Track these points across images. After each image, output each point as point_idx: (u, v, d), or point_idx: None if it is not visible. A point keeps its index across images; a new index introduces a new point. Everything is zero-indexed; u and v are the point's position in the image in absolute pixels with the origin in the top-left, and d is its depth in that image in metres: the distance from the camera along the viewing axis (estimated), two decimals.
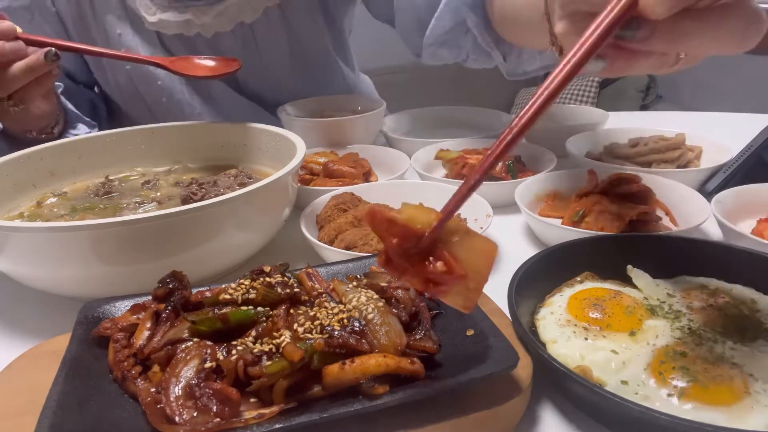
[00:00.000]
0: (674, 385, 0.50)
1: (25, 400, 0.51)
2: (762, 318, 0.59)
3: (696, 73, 3.38)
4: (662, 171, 0.98)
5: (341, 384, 0.47)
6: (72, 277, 0.68)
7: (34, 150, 0.89)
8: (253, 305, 0.53)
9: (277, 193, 0.77)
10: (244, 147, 0.97)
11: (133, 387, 0.50)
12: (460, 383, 0.47)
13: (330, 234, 0.80)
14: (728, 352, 0.53)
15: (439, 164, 1.13)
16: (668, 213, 0.86)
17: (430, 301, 0.59)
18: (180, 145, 0.99)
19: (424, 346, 0.51)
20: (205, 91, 1.26)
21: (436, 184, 0.96)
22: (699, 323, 0.58)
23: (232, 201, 0.68)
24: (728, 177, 0.96)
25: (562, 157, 1.08)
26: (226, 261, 0.75)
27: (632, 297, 0.62)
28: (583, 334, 0.57)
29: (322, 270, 0.65)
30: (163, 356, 0.50)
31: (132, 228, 0.64)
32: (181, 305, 0.55)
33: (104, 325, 0.56)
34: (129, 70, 1.20)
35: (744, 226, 0.83)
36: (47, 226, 0.63)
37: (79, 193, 0.89)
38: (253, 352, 0.48)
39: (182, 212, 0.65)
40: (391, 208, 0.87)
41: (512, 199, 0.88)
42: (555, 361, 0.51)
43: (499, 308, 0.62)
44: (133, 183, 0.93)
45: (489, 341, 0.51)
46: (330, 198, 0.89)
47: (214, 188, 0.84)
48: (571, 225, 0.83)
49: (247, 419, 0.45)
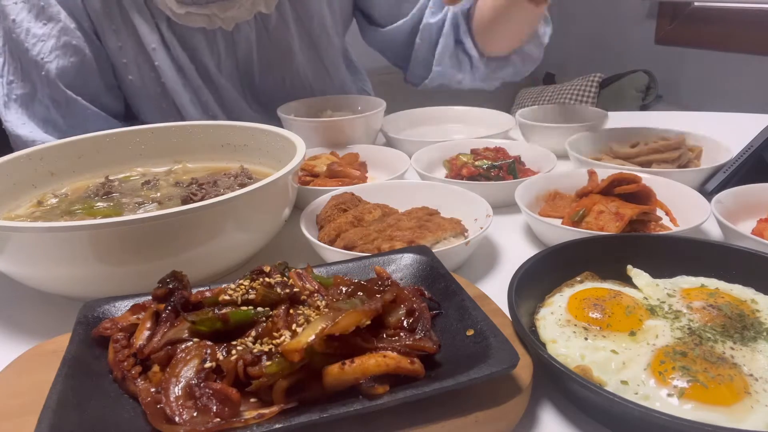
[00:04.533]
0: (674, 385, 0.50)
1: (25, 400, 0.51)
2: (762, 318, 0.59)
3: (696, 73, 3.39)
4: (662, 171, 0.98)
5: (341, 384, 0.47)
6: (72, 277, 0.68)
7: (34, 150, 0.89)
8: (252, 305, 0.53)
9: (277, 193, 0.77)
10: (244, 147, 0.97)
11: (133, 387, 0.50)
12: (460, 383, 0.47)
13: (330, 234, 0.80)
14: (728, 352, 0.53)
15: (439, 164, 1.13)
16: (668, 213, 0.86)
17: (430, 301, 0.59)
18: (180, 145, 0.99)
19: (424, 346, 0.51)
20: (215, 93, 1.27)
21: (436, 184, 0.96)
22: (699, 323, 0.58)
23: (232, 201, 0.68)
24: (728, 177, 0.96)
25: (562, 157, 1.09)
26: (226, 261, 0.75)
27: (632, 297, 0.62)
28: (583, 334, 0.57)
29: (322, 270, 0.65)
30: (163, 356, 0.50)
31: (132, 228, 0.64)
32: (181, 305, 0.55)
33: (104, 325, 0.56)
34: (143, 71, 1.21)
35: (744, 226, 0.83)
36: (47, 226, 0.63)
37: (79, 193, 0.89)
38: (253, 352, 0.48)
39: (182, 212, 0.64)
40: (391, 208, 0.87)
41: (512, 199, 0.88)
42: (555, 361, 0.51)
43: (499, 308, 0.62)
44: (133, 183, 0.93)
45: (489, 341, 0.51)
46: (330, 198, 0.89)
47: (214, 188, 0.84)
48: (571, 225, 0.83)
49: (247, 419, 0.45)
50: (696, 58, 3.38)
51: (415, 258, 0.66)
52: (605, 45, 3.83)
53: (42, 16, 1.10)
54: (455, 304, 0.58)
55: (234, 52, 1.25)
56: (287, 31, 1.27)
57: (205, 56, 1.21)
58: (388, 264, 0.66)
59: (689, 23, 3.44)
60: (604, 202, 0.84)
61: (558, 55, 3.85)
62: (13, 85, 1.15)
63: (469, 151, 1.11)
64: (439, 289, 0.61)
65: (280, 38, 1.27)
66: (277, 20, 1.25)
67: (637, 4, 3.64)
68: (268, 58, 1.29)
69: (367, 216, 0.84)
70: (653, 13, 3.59)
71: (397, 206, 0.89)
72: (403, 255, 0.67)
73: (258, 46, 1.26)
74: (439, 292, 0.60)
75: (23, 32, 1.10)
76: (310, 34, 1.32)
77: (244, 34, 1.23)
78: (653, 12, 3.59)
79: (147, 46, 1.16)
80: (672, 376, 0.50)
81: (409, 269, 0.65)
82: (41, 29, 1.11)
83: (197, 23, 1.16)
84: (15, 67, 1.14)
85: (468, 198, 0.88)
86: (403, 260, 0.66)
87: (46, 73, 1.11)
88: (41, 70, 1.11)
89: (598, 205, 0.84)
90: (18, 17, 1.10)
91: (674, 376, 0.50)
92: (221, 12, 1.16)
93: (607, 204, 0.84)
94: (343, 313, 0.49)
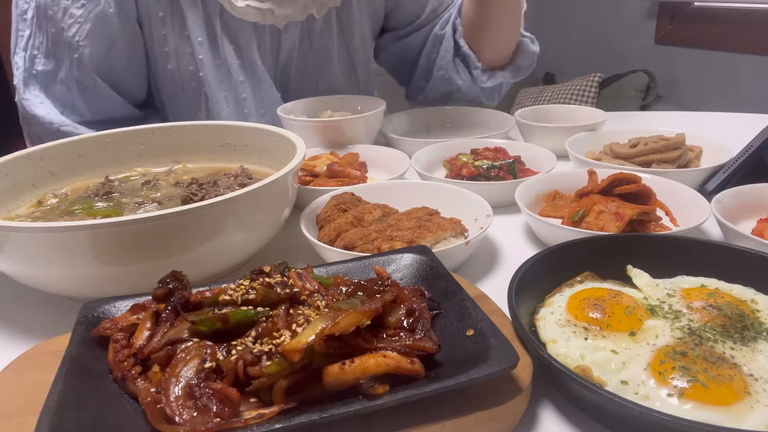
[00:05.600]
0: (674, 385, 0.50)
1: (25, 400, 0.51)
2: (762, 318, 0.59)
3: (696, 73, 3.39)
4: (662, 171, 0.98)
5: (341, 384, 0.47)
6: (72, 277, 0.68)
7: (34, 150, 0.89)
8: (252, 305, 0.53)
9: (277, 193, 0.77)
10: (244, 147, 0.97)
11: (133, 387, 0.49)
12: (460, 383, 0.47)
13: (330, 234, 0.80)
14: (728, 352, 0.53)
15: (439, 164, 1.13)
16: (668, 213, 0.86)
17: (430, 301, 0.59)
18: (180, 145, 0.99)
19: (424, 346, 0.51)
20: (257, 88, 1.27)
21: (436, 184, 0.96)
22: (699, 323, 0.58)
23: (232, 201, 0.68)
24: (728, 177, 0.96)
25: (562, 157, 1.09)
26: (226, 261, 0.75)
27: (632, 297, 0.62)
28: (583, 334, 0.57)
29: (322, 270, 0.65)
30: (163, 356, 0.50)
31: (132, 228, 0.64)
32: (181, 305, 0.55)
33: (104, 325, 0.56)
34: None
35: (744, 226, 0.83)
36: (47, 226, 0.63)
37: (79, 193, 0.89)
38: (253, 352, 0.48)
39: (182, 212, 0.64)
40: (391, 208, 0.87)
41: (512, 199, 0.88)
42: (555, 361, 0.51)
43: (499, 308, 0.62)
44: (133, 183, 0.93)
45: (489, 341, 0.51)
46: (330, 198, 0.89)
47: (214, 188, 0.84)
48: (571, 225, 0.83)
49: (247, 419, 0.45)
50: (696, 58, 3.38)
51: (415, 258, 0.66)
52: (605, 45, 3.83)
53: None
54: (455, 304, 0.58)
55: (277, 51, 1.27)
56: (330, 39, 1.31)
57: (252, 51, 1.22)
58: (388, 264, 0.66)
59: (689, 23, 3.44)
60: (604, 202, 0.84)
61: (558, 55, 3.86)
62: (37, 60, 1.13)
63: (468, 151, 1.11)
64: (439, 289, 0.61)
65: (321, 45, 1.31)
66: (321, 27, 1.29)
67: (637, 4, 3.64)
68: (306, 61, 1.32)
69: (367, 216, 0.84)
70: (653, 13, 3.59)
71: (397, 206, 0.89)
72: (403, 255, 0.67)
73: (300, 49, 1.29)
74: (439, 292, 0.60)
75: (60, 11, 1.09)
76: (349, 46, 1.36)
77: (291, 34, 1.25)
78: (653, 12, 3.59)
79: (192, 38, 1.16)
80: (672, 376, 0.50)
81: (409, 269, 0.65)
82: (79, 10, 1.09)
83: (252, 17, 1.17)
84: (41, 42, 1.12)
85: (468, 198, 0.88)
86: (403, 260, 0.66)
87: (80, 56, 1.10)
88: (74, 52, 1.10)
89: (598, 205, 0.84)
90: None
91: (674, 376, 0.50)
92: (278, 8, 1.18)
93: (607, 204, 0.84)
94: (343, 313, 0.49)
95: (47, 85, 1.15)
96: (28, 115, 1.14)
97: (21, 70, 1.14)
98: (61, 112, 1.15)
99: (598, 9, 3.83)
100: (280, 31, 1.24)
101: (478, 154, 1.08)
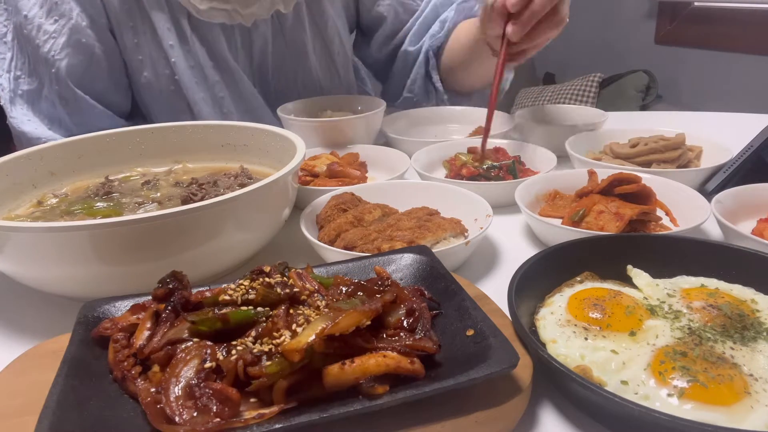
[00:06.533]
0: (674, 385, 0.50)
1: (25, 400, 0.51)
2: (762, 318, 0.59)
3: (696, 73, 3.39)
4: (662, 171, 0.98)
5: (341, 384, 0.47)
6: (72, 277, 0.68)
7: (34, 150, 0.89)
8: (252, 305, 0.53)
9: (277, 193, 0.77)
10: (244, 147, 0.97)
11: (133, 387, 0.49)
12: (460, 383, 0.47)
13: (330, 234, 0.80)
14: (728, 352, 0.53)
15: (439, 164, 1.13)
16: (668, 213, 0.86)
17: (430, 301, 0.59)
18: (180, 145, 0.99)
19: (424, 346, 0.51)
20: (233, 87, 1.27)
21: (436, 184, 0.96)
22: (699, 323, 0.58)
23: (232, 201, 0.68)
24: (728, 177, 0.96)
25: (562, 157, 1.09)
26: (226, 261, 0.75)
27: (632, 297, 0.62)
28: (583, 334, 0.57)
29: (322, 270, 0.65)
30: (163, 356, 0.50)
31: (132, 228, 0.64)
32: (181, 305, 0.55)
33: (104, 325, 0.56)
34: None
35: (744, 226, 0.83)
36: (47, 226, 0.63)
37: (79, 193, 0.89)
38: (253, 352, 0.48)
39: (182, 212, 0.64)
40: (391, 208, 0.87)
41: (512, 199, 0.88)
42: (555, 361, 0.51)
43: (499, 308, 0.62)
44: (133, 183, 0.93)
45: (489, 341, 0.51)
46: (330, 198, 0.89)
47: (214, 188, 0.84)
48: (571, 225, 0.83)
49: (247, 419, 0.45)
50: (696, 58, 3.38)
51: (415, 258, 0.66)
52: (605, 45, 3.83)
53: (54, 12, 1.10)
54: (455, 304, 0.58)
55: (250, 48, 1.27)
56: (302, 31, 1.30)
57: (223, 50, 1.22)
58: (388, 264, 0.66)
59: (689, 23, 3.44)
60: (604, 202, 0.84)
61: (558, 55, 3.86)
62: (21, 80, 1.15)
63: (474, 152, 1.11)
64: (439, 289, 0.61)
65: (295, 38, 1.30)
66: (293, 20, 1.28)
67: (637, 4, 3.64)
68: (282, 57, 1.32)
69: (367, 216, 0.84)
70: (653, 13, 3.59)
71: (397, 206, 0.89)
72: (403, 255, 0.67)
73: (273, 45, 1.29)
74: (439, 292, 0.60)
75: (35, 29, 1.10)
76: (323, 37, 1.35)
77: (261, 31, 1.25)
78: (653, 12, 3.59)
79: (164, 43, 1.17)
80: (672, 376, 0.50)
81: (409, 269, 0.65)
82: (53, 26, 1.10)
83: (218, 18, 1.17)
84: (23, 63, 1.14)
85: (468, 198, 0.88)
86: (403, 260, 0.66)
87: (57, 70, 1.11)
88: (51, 67, 1.11)
89: (598, 205, 0.84)
90: (30, 13, 1.10)
91: (674, 376, 0.50)
92: (242, 8, 1.18)
93: (607, 204, 0.84)
94: (343, 313, 0.49)
95: (33, 103, 1.16)
96: (17, 132, 1.16)
97: (7, 90, 1.15)
98: (49, 127, 1.16)
99: (598, 9, 3.83)
100: (249, 29, 1.24)
101: (478, 154, 1.08)
